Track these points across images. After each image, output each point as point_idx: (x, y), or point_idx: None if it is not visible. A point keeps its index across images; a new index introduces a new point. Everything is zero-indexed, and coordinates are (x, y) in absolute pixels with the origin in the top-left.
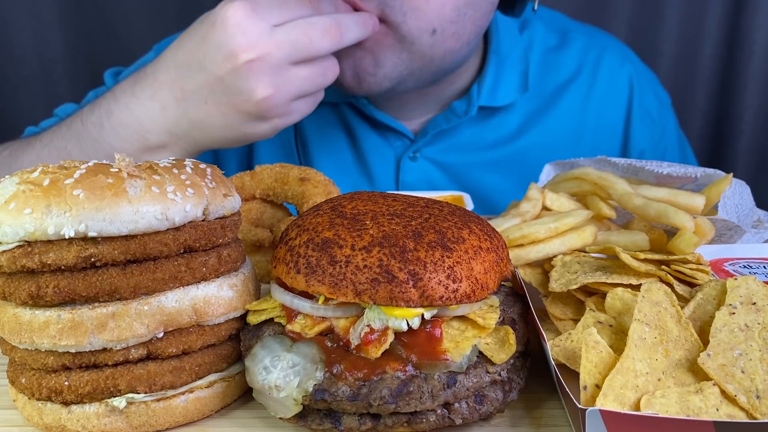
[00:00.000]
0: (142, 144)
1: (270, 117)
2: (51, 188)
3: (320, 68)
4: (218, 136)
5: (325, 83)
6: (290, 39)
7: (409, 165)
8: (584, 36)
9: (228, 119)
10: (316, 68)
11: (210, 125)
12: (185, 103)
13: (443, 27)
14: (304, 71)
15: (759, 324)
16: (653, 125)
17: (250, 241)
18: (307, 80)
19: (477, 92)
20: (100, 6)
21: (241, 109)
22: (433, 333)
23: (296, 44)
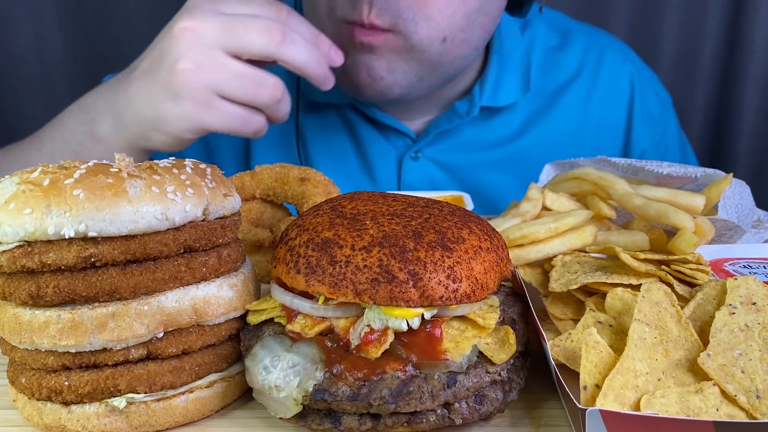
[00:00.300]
0: (90, 130)
1: (183, 96)
2: (51, 188)
3: (257, 76)
4: (141, 113)
5: (257, 96)
6: (229, 24)
7: (410, 165)
8: (585, 36)
9: (150, 92)
10: (251, 73)
11: (136, 100)
12: (126, 80)
13: (453, 35)
14: (236, 66)
15: (759, 324)
16: (654, 125)
17: (250, 241)
18: (236, 77)
19: (479, 92)
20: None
21: (161, 79)
22: (433, 333)
23: (232, 31)
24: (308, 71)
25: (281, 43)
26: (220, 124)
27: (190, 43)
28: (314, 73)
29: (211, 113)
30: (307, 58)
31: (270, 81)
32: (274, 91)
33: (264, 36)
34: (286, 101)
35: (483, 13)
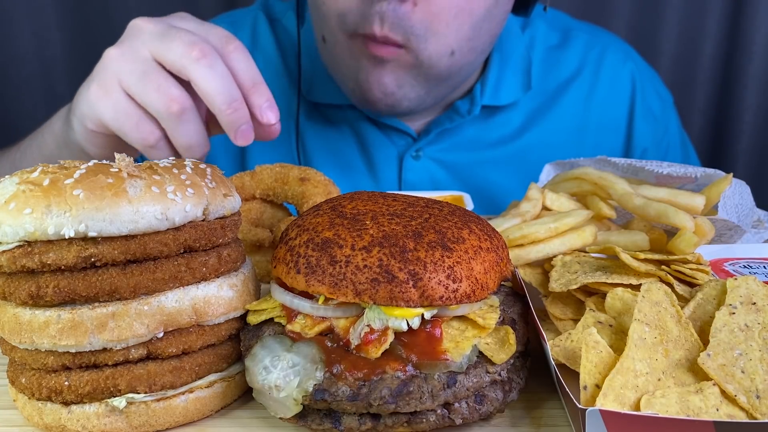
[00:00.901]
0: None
1: (95, 78)
2: (51, 188)
3: (160, 80)
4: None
5: (151, 99)
6: (165, 30)
7: (411, 164)
8: (586, 34)
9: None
10: (156, 75)
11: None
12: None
13: (461, 46)
14: (149, 65)
15: (759, 324)
16: (656, 123)
17: (250, 241)
18: (142, 74)
19: (480, 92)
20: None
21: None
22: (433, 333)
23: (163, 36)
24: (216, 105)
25: (195, 60)
26: (111, 117)
27: (130, 35)
28: (222, 110)
29: (106, 102)
30: (218, 89)
31: (173, 92)
32: (170, 102)
33: (183, 48)
34: (188, 123)
35: (489, 20)
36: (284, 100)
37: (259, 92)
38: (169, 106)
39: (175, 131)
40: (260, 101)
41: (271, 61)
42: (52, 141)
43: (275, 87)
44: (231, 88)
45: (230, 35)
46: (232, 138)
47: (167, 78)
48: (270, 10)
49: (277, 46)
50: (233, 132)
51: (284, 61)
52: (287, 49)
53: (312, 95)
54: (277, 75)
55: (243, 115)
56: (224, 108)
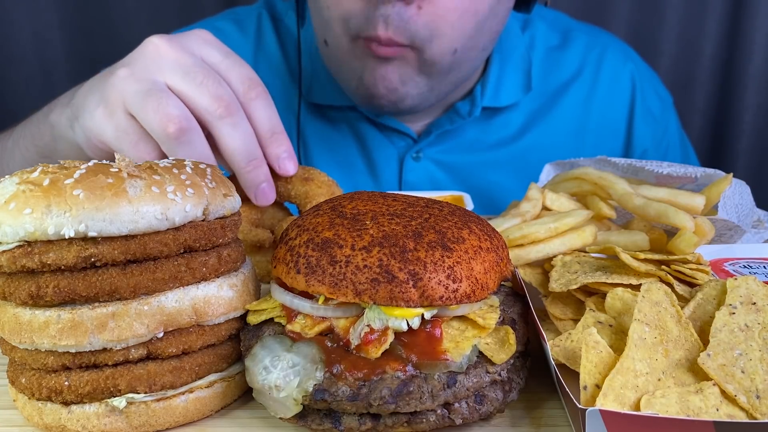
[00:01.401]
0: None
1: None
2: (51, 188)
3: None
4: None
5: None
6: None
7: (412, 165)
8: (586, 35)
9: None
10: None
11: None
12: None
13: (463, 44)
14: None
15: (759, 324)
16: (656, 124)
17: (251, 241)
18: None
19: (480, 93)
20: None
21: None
22: (433, 333)
23: (189, 75)
24: (235, 163)
25: (220, 118)
26: (112, 137)
27: (146, 57)
28: (242, 168)
29: (109, 122)
30: (239, 149)
31: (171, 111)
32: (167, 123)
33: (209, 102)
34: (187, 145)
35: (492, 18)
36: (286, 100)
37: (278, 142)
38: (165, 127)
39: (173, 153)
40: (279, 151)
41: (274, 60)
42: (49, 133)
43: (278, 87)
44: (252, 146)
45: (254, 78)
46: (252, 198)
47: (169, 97)
48: (273, 9)
49: (280, 46)
50: (252, 191)
51: (286, 60)
52: (290, 49)
53: (312, 96)
54: (280, 75)
55: (262, 173)
56: (244, 166)
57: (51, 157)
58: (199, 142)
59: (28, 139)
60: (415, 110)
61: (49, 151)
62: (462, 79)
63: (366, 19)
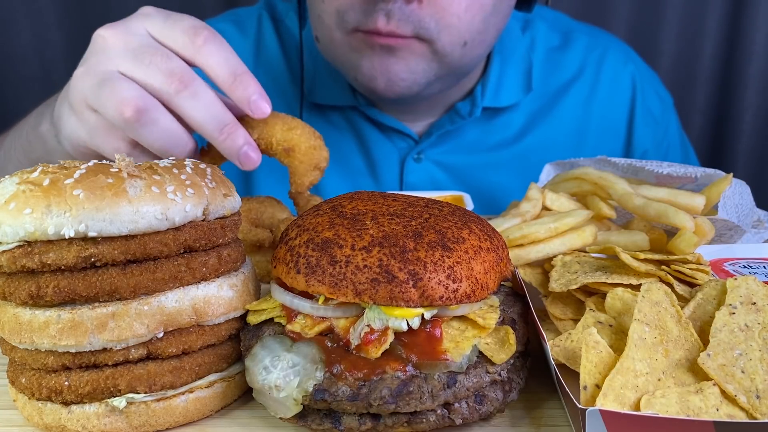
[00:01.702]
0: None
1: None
2: (51, 188)
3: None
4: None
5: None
6: (138, 50)
7: (413, 166)
8: (587, 36)
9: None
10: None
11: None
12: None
13: (473, 38)
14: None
15: (759, 324)
16: (656, 125)
17: (250, 241)
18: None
19: (481, 93)
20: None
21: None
22: (433, 333)
23: (137, 58)
24: (208, 133)
25: (177, 93)
26: (87, 138)
27: (96, 51)
28: (215, 137)
29: (79, 125)
30: (206, 118)
31: (124, 95)
32: (122, 107)
33: (162, 79)
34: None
35: (496, 14)
36: (287, 101)
37: (243, 84)
38: (121, 112)
39: (139, 137)
40: (247, 94)
41: (274, 61)
42: (41, 147)
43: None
44: (218, 112)
45: (197, 25)
46: (238, 164)
47: (120, 82)
48: (273, 10)
49: (281, 47)
50: (235, 158)
51: (287, 62)
52: (290, 50)
53: (313, 96)
54: (281, 76)
55: (240, 137)
56: (217, 135)
57: None
58: (164, 119)
59: (20, 152)
60: (418, 98)
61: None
62: (467, 72)
63: (364, 12)
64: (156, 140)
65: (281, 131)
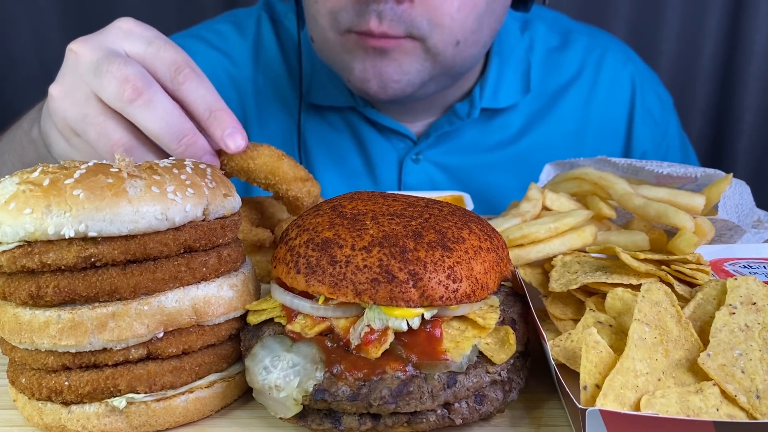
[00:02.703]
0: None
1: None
2: (51, 188)
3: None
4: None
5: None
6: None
7: (411, 167)
8: (586, 36)
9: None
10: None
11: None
12: None
13: (465, 37)
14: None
15: (759, 324)
16: (655, 126)
17: (251, 241)
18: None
19: (479, 94)
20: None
21: None
22: (433, 333)
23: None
24: (165, 144)
25: (130, 102)
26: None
27: (69, 67)
28: (174, 149)
29: (72, 149)
30: (162, 129)
31: (112, 136)
32: (112, 148)
33: (116, 87)
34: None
35: (490, 14)
36: (286, 102)
37: (218, 121)
38: (113, 152)
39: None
40: (220, 131)
41: (273, 62)
42: (34, 153)
43: (277, 89)
44: (176, 123)
45: (180, 60)
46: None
47: (106, 118)
48: (272, 11)
49: (280, 48)
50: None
51: (286, 62)
52: (289, 51)
53: (311, 97)
54: (279, 76)
55: (200, 148)
56: (175, 146)
57: None
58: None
59: (14, 156)
60: (412, 98)
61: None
62: (462, 73)
63: (356, 13)
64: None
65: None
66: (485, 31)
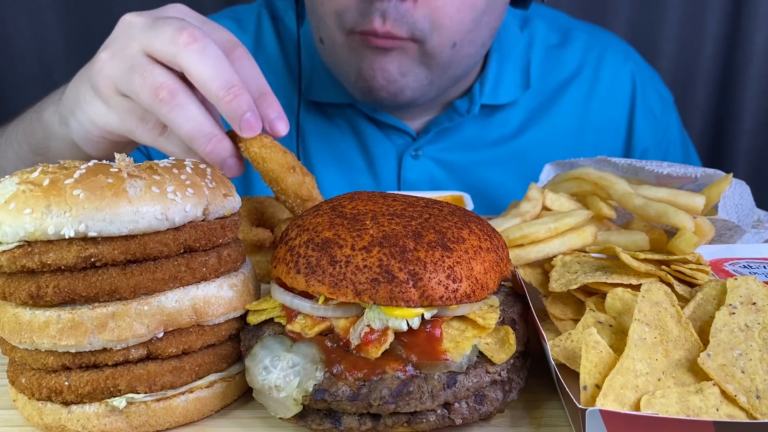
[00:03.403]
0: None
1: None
2: (51, 188)
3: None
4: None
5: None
6: (153, 20)
7: (411, 163)
8: (586, 34)
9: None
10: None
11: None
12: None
13: (462, 38)
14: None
15: (759, 324)
16: (656, 123)
17: (250, 241)
18: (131, 71)
19: (479, 90)
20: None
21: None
22: (433, 333)
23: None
24: (212, 92)
25: (185, 46)
26: (118, 124)
27: (120, 31)
28: (220, 97)
29: (109, 111)
30: (212, 75)
31: (157, 79)
32: (156, 90)
33: (171, 34)
34: (180, 108)
35: (489, 13)
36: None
37: (267, 102)
38: (156, 94)
39: (169, 120)
40: (269, 112)
41: (273, 59)
42: (42, 131)
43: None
44: (228, 72)
45: (235, 39)
46: (236, 129)
47: (152, 66)
48: (272, 8)
49: (279, 45)
50: (237, 122)
51: (286, 59)
52: (289, 48)
53: (311, 94)
54: (279, 73)
55: (245, 102)
56: (222, 94)
57: (44, 155)
58: (194, 103)
59: (21, 136)
60: (414, 104)
61: (43, 149)
62: (461, 75)
63: (360, 13)
64: (183, 124)
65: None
66: (483, 30)
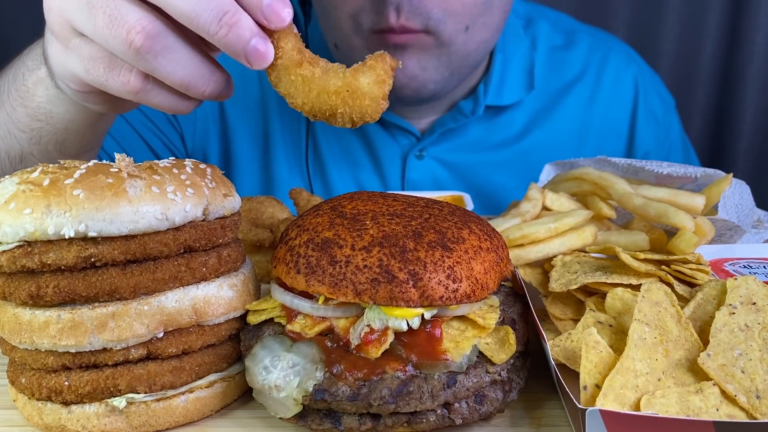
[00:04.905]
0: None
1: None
2: (51, 188)
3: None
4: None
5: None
6: None
7: (415, 163)
8: (589, 37)
9: None
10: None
11: None
12: None
13: (474, 21)
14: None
15: (759, 324)
16: (658, 126)
17: (250, 241)
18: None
19: (483, 91)
20: None
21: None
22: (433, 333)
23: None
24: (202, 28)
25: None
26: (83, 72)
27: None
28: (213, 33)
29: (69, 56)
30: (196, 6)
31: (128, 19)
32: (129, 35)
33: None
34: (166, 54)
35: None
36: None
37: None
38: (130, 41)
39: (154, 70)
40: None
41: None
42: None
43: None
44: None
45: None
46: (244, 62)
47: (119, 2)
48: None
49: None
50: (242, 55)
51: None
52: None
53: None
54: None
55: (245, 28)
56: (214, 29)
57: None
58: (180, 45)
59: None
60: (437, 96)
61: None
62: (479, 60)
63: (376, 10)
64: (173, 72)
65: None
66: (495, 13)
